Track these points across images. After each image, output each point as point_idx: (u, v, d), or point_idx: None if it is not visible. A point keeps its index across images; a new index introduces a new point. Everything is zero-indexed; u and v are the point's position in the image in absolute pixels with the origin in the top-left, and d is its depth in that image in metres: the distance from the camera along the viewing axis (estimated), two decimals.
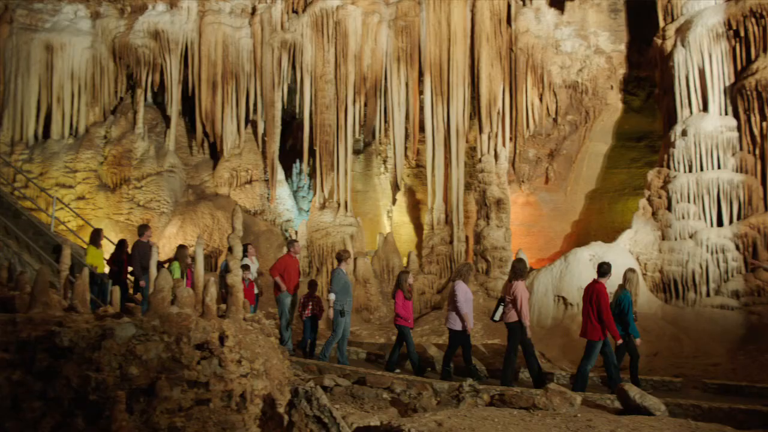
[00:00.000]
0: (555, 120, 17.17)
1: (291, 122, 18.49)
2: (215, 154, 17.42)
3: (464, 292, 8.21)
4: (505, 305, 7.88)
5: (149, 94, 17.41)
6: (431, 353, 9.75)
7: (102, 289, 9.71)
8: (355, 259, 14.95)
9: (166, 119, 17.30)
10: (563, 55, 16.56)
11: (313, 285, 10.35)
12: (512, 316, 7.72)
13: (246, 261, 9.89)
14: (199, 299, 4.56)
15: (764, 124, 12.06)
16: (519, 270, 7.90)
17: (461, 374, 8.22)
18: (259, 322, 5.18)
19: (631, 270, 8.81)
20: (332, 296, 8.85)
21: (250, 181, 17.05)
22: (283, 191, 17.25)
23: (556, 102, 16.85)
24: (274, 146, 16.57)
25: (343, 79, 15.95)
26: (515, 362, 7.88)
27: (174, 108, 16.77)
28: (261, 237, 15.73)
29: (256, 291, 10.36)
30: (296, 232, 15.99)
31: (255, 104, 16.75)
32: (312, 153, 16.65)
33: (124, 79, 16.92)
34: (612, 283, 12.16)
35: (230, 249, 5.14)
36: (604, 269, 7.74)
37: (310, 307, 9.83)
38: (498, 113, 16.02)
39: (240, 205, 16.09)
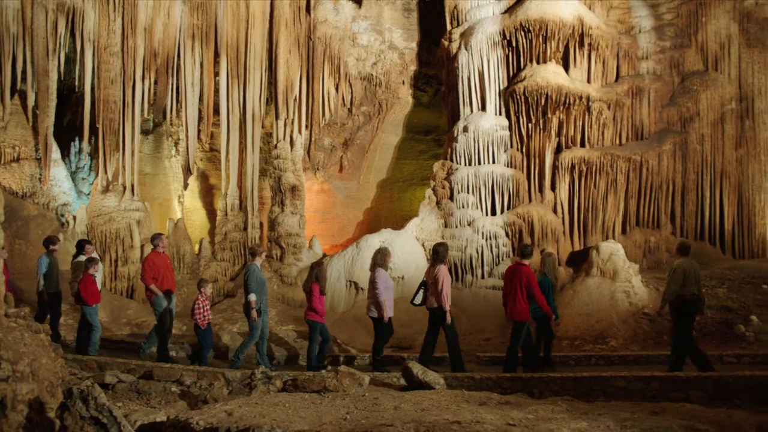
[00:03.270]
0: (350, 110, 17.69)
1: (70, 96, 16.70)
2: None
3: (384, 280, 7.86)
4: (427, 289, 7.68)
5: None
6: (225, 341, 9.54)
7: None
8: (142, 246, 14.05)
9: None
10: (359, 48, 17.10)
11: (206, 284, 8.65)
12: (436, 301, 7.55)
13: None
14: None
15: (530, 125, 13.60)
16: (441, 253, 7.65)
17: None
18: (25, 318, 4.63)
19: (548, 254, 9.23)
20: (253, 297, 7.91)
21: (17, 159, 15.08)
22: (58, 172, 15.54)
23: (352, 93, 17.38)
24: (48, 121, 14.78)
25: (131, 52, 14.75)
26: (458, 344, 7.73)
27: None
28: (31, 222, 14.05)
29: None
30: (74, 217, 14.56)
31: (24, 72, 14.79)
32: (94, 131, 15.20)
33: None
34: (398, 267, 13.07)
35: None
36: (527, 251, 7.72)
37: (209, 311, 8.36)
38: (295, 100, 16.06)
39: (4, 185, 14.21)
